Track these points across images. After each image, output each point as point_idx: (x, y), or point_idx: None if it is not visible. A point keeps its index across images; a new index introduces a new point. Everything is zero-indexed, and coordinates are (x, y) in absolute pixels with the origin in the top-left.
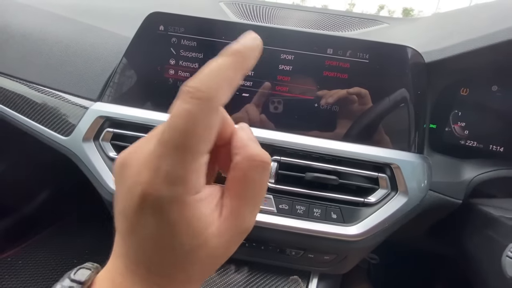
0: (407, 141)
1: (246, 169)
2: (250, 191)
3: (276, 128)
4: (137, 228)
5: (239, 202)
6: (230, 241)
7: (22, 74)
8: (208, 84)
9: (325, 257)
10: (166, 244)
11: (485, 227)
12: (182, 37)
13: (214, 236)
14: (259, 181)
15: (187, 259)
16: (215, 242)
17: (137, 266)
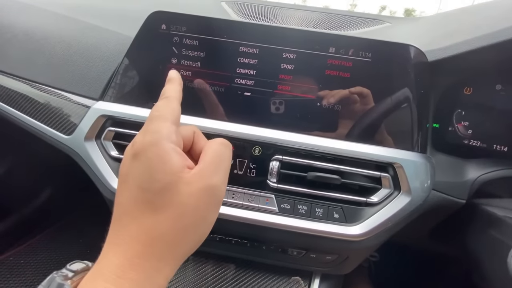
0: (410, 140)
1: (212, 145)
2: (215, 158)
3: (278, 127)
4: (126, 177)
5: (205, 164)
6: (199, 195)
7: (24, 73)
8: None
9: (327, 257)
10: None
11: (489, 227)
12: (184, 36)
13: (183, 182)
14: (221, 152)
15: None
16: (184, 189)
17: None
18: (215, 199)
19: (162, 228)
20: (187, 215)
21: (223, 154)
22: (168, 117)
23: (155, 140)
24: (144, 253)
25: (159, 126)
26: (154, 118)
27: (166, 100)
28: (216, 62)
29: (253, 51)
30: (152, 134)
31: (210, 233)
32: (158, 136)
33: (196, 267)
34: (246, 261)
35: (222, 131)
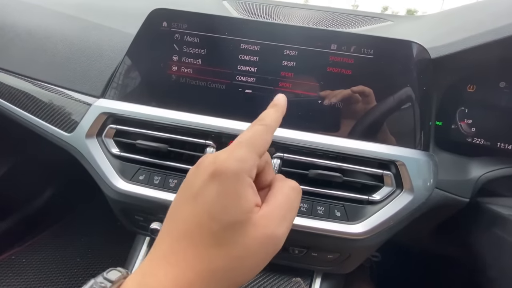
0: (412, 138)
1: (285, 188)
2: (285, 204)
3: (280, 125)
4: (197, 196)
5: (274, 208)
6: (262, 241)
7: (27, 72)
8: (266, 119)
9: (329, 256)
10: (217, 211)
11: (493, 226)
12: (185, 33)
13: (251, 224)
14: (293, 199)
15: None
16: (251, 231)
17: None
18: (274, 248)
19: (219, 264)
20: (246, 258)
21: (293, 201)
22: (259, 149)
23: (239, 170)
24: (195, 283)
25: (247, 156)
26: (245, 144)
27: (264, 128)
28: (217, 59)
29: (254, 48)
30: (238, 163)
31: None
32: (243, 167)
33: None
34: None
35: (223, 129)
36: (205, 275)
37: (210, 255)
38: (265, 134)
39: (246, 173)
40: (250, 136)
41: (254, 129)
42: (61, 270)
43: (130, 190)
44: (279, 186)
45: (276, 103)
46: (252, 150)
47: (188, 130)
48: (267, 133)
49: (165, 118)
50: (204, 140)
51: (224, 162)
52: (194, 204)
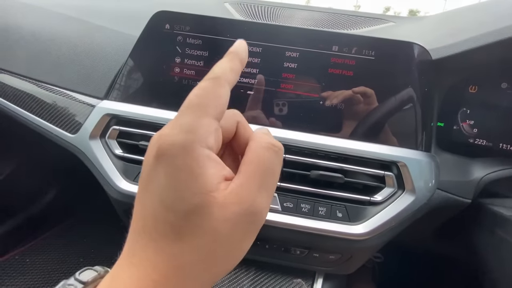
0: (414, 139)
1: (258, 150)
2: (259, 170)
3: (281, 126)
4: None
5: (247, 179)
6: (235, 221)
7: (31, 73)
8: (215, 70)
9: (330, 257)
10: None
11: (495, 227)
12: (188, 35)
13: (217, 204)
14: (269, 162)
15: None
16: (218, 213)
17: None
18: (255, 226)
19: (186, 259)
20: (218, 245)
21: (271, 164)
22: (210, 108)
23: (188, 143)
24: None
25: (195, 122)
26: (191, 108)
27: (213, 82)
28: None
29: (256, 50)
30: (185, 134)
31: None
32: (192, 138)
33: None
34: (249, 260)
35: None
36: (171, 273)
37: (172, 250)
38: (215, 89)
39: (198, 144)
40: (196, 95)
41: (200, 87)
42: (64, 270)
43: (133, 190)
44: (252, 149)
45: (231, 51)
46: (201, 114)
47: None
48: (218, 87)
49: (167, 119)
50: None
51: (168, 136)
52: (146, 194)
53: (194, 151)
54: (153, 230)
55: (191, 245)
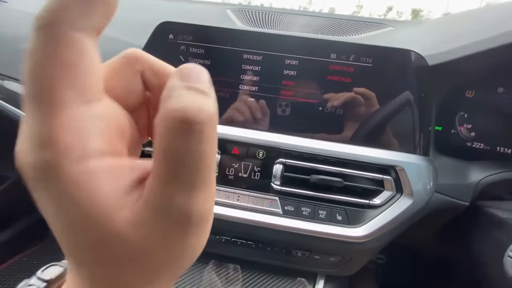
0: (412, 143)
1: (164, 133)
2: (174, 165)
3: (281, 131)
4: (40, 204)
5: (160, 180)
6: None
7: None
8: (52, 7)
9: (331, 259)
10: (66, 227)
11: (492, 229)
12: (191, 45)
13: (130, 224)
14: (184, 151)
15: (100, 252)
16: (134, 234)
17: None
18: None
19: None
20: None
21: (189, 152)
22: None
23: (52, 164)
24: None
25: (50, 127)
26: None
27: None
28: (221, 69)
29: (256, 58)
30: (41, 151)
31: (216, 234)
32: (52, 155)
33: (201, 268)
34: (251, 262)
35: (227, 136)
36: None
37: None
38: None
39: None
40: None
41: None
42: None
43: None
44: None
45: None
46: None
47: None
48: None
49: None
50: None
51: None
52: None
53: (61, 174)
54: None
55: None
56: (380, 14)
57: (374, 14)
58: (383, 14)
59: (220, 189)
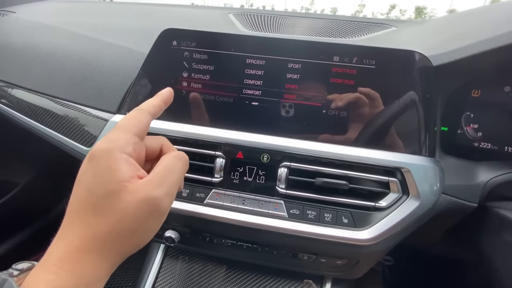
0: (417, 144)
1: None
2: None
3: (285, 134)
4: (79, 179)
5: (153, 176)
6: (140, 204)
7: (48, 90)
8: (142, 105)
9: (337, 262)
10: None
11: (501, 230)
12: (194, 51)
13: (127, 191)
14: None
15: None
16: (126, 198)
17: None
18: (155, 209)
19: (101, 229)
20: (125, 221)
21: (173, 166)
22: (131, 128)
23: (109, 149)
24: (82, 249)
25: (118, 136)
26: (118, 127)
27: (137, 111)
28: (225, 74)
29: (259, 63)
30: (109, 143)
31: (222, 238)
32: (113, 146)
33: (209, 271)
34: (259, 266)
35: (232, 140)
36: (91, 240)
37: (93, 223)
38: (137, 116)
39: (118, 150)
40: (123, 120)
41: (128, 115)
42: None
43: None
44: (163, 158)
45: (157, 94)
46: (123, 130)
47: (198, 142)
48: (140, 115)
49: (176, 131)
50: (214, 151)
51: (99, 146)
52: (78, 186)
53: (113, 155)
54: (79, 210)
55: (106, 220)
56: (383, 13)
57: (377, 12)
58: (386, 13)
59: (225, 193)
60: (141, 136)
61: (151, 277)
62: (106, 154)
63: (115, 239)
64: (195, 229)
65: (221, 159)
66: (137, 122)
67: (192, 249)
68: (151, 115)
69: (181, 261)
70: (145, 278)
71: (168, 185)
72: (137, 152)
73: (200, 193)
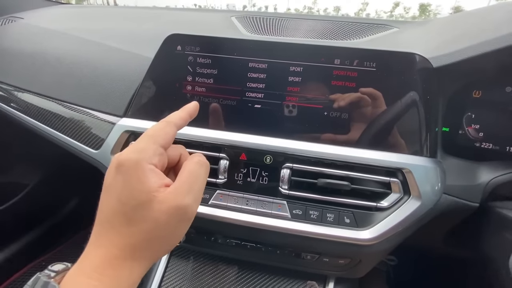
0: (418, 145)
1: (188, 164)
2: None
3: (288, 136)
4: (108, 188)
5: (179, 185)
6: (170, 213)
7: (56, 95)
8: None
9: (340, 261)
10: (124, 196)
11: (503, 230)
12: (198, 55)
13: (157, 201)
14: (195, 172)
15: (137, 212)
16: (157, 207)
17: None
18: (185, 216)
19: (136, 238)
20: (158, 230)
21: (198, 173)
22: (159, 139)
23: (138, 159)
24: (120, 256)
25: (147, 146)
26: (146, 137)
27: (165, 123)
28: (228, 78)
29: (262, 66)
30: (137, 153)
31: (227, 238)
32: (142, 156)
33: (214, 270)
34: (263, 265)
35: (235, 142)
36: (128, 248)
37: (128, 233)
38: (164, 127)
39: (145, 161)
40: (150, 130)
41: (155, 125)
42: None
43: None
44: (185, 164)
45: (184, 107)
46: (151, 141)
47: (203, 144)
48: (167, 127)
49: (181, 133)
50: (218, 153)
51: (125, 155)
52: (108, 195)
53: (142, 165)
54: (112, 219)
55: (139, 229)
56: (386, 11)
57: (381, 11)
58: (390, 11)
59: (229, 194)
60: (166, 147)
61: (158, 275)
62: (135, 164)
63: (149, 246)
64: (200, 229)
65: (225, 160)
66: (164, 134)
67: (197, 248)
68: (177, 127)
69: (186, 261)
70: (151, 277)
71: (195, 192)
72: (162, 162)
73: (204, 194)
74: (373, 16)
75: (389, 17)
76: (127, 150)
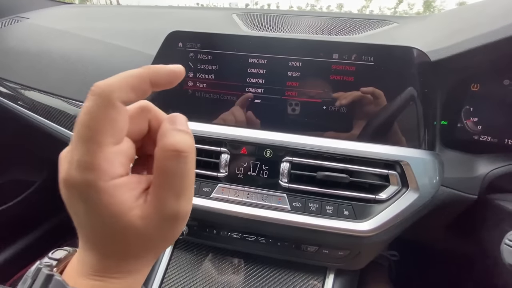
0: (416, 138)
1: (161, 159)
2: (168, 180)
3: (287, 130)
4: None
5: (159, 189)
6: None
7: (61, 92)
8: (106, 83)
9: (339, 253)
10: (95, 223)
11: (501, 221)
12: (199, 51)
13: (139, 218)
14: (175, 170)
15: (118, 237)
16: (142, 224)
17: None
18: (179, 222)
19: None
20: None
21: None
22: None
23: (90, 183)
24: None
25: (93, 159)
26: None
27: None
28: (228, 74)
29: (261, 62)
30: (84, 174)
31: (228, 231)
32: (92, 177)
33: (216, 263)
34: (264, 257)
35: (236, 136)
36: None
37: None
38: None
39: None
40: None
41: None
42: None
43: None
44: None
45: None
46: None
47: (205, 139)
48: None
49: None
50: (219, 148)
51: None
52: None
53: (98, 188)
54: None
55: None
56: (390, 7)
57: (384, 7)
58: (394, 7)
59: (230, 187)
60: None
61: (162, 268)
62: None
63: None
64: (202, 222)
65: (226, 155)
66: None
67: (200, 241)
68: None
69: (189, 253)
70: (155, 269)
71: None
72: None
73: (206, 188)
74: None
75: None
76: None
